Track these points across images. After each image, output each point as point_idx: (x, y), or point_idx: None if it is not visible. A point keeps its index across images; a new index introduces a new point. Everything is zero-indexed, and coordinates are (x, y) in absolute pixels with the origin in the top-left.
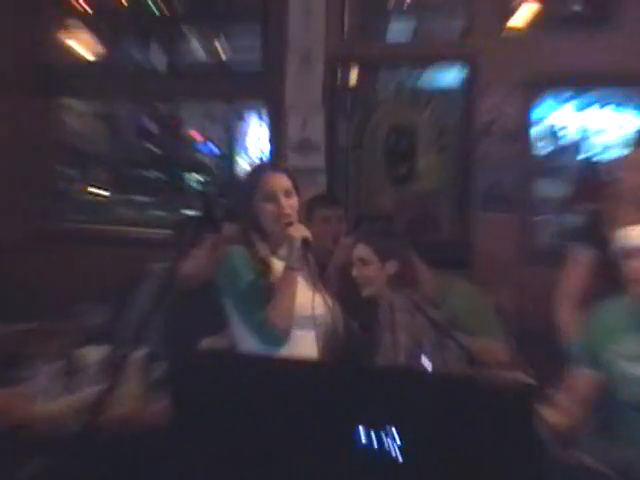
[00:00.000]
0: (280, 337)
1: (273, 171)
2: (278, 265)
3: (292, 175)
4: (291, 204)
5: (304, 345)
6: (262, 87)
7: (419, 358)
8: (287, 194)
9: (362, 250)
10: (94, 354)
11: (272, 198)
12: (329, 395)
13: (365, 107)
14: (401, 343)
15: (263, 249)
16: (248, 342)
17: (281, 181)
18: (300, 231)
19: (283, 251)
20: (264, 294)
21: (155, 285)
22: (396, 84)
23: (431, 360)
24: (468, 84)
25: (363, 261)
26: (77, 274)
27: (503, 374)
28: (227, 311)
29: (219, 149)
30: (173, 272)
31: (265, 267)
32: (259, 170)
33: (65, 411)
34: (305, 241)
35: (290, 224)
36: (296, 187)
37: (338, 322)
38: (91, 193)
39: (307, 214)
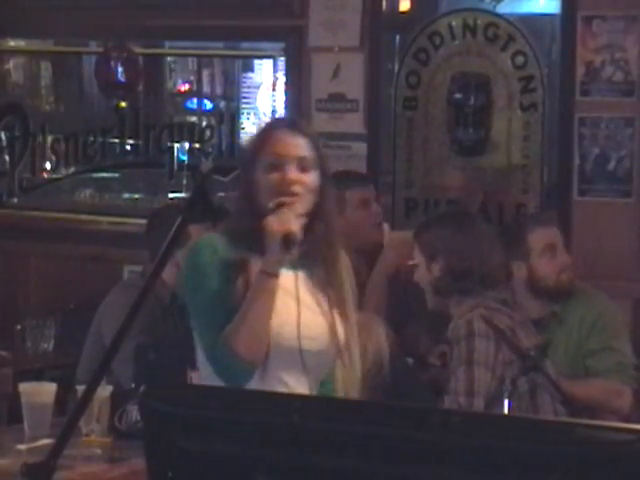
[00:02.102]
0: (243, 370)
1: (287, 131)
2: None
3: (315, 141)
4: (305, 180)
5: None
6: (276, 18)
7: (500, 400)
8: (302, 166)
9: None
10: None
11: (278, 167)
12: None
13: (420, 48)
14: (480, 379)
15: (248, 241)
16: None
17: (296, 146)
18: (284, 222)
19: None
20: (231, 308)
21: (126, 298)
22: (462, 14)
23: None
24: (568, 10)
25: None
26: (21, 280)
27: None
28: (195, 335)
29: (216, 107)
30: (150, 279)
31: (239, 269)
32: (268, 128)
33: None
34: (287, 238)
35: (286, 205)
36: (320, 159)
37: (379, 356)
38: (41, 170)
39: (337, 196)
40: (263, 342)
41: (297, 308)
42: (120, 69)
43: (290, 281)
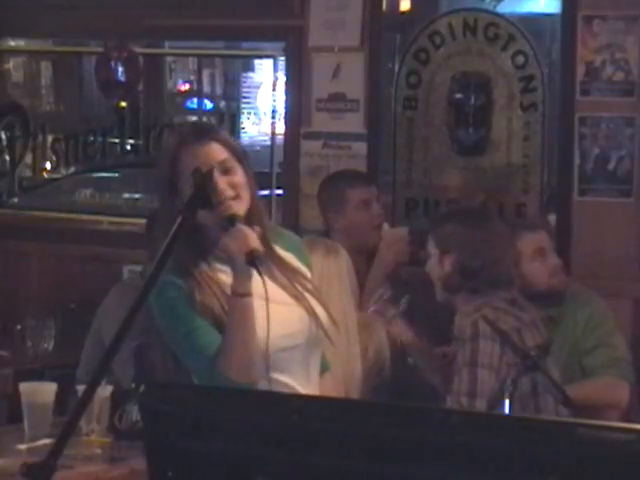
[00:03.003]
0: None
1: (192, 141)
2: (228, 281)
3: (228, 142)
4: (233, 182)
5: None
6: (276, 18)
7: (501, 400)
8: (224, 168)
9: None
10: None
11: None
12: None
13: (420, 48)
14: (483, 381)
15: (203, 260)
16: None
17: (209, 153)
18: (242, 240)
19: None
20: (208, 331)
21: (125, 297)
22: (463, 14)
23: (514, 403)
24: (568, 10)
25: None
26: (21, 280)
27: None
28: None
29: (216, 106)
30: (150, 279)
31: (202, 295)
32: (177, 145)
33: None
34: (251, 255)
35: (232, 221)
36: (238, 155)
37: (380, 355)
38: (41, 170)
39: (337, 196)
40: (254, 361)
41: (272, 307)
42: (120, 69)
43: (255, 282)
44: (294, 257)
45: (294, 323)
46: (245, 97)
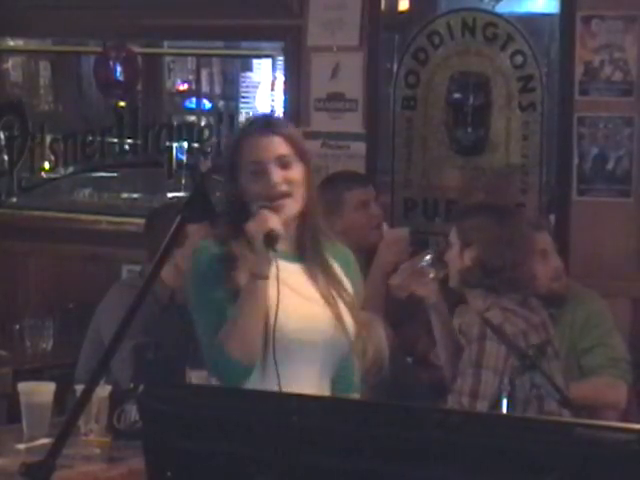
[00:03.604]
0: (237, 372)
1: (260, 134)
2: (283, 265)
3: (291, 136)
4: (289, 177)
5: (297, 382)
6: (275, 18)
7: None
8: (282, 163)
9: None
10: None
11: (260, 172)
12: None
13: (419, 48)
14: (487, 383)
15: (243, 246)
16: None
17: (272, 144)
18: (262, 222)
19: (283, 243)
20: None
21: (124, 297)
22: (461, 13)
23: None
24: (567, 10)
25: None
26: (20, 280)
27: (617, 423)
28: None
29: (215, 106)
30: (149, 279)
31: (231, 268)
32: (242, 135)
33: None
34: (269, 236)
35: (279, 207)
36: (300, 152)
37: (379, 354)
38: (39, 170)
39: (334, 199)
40: (256, 344)
41: (300, 301)
42: (119, 69)
43: (292, 275)
44: (339, 267)
45: (316, 321)
46: (244, 97)
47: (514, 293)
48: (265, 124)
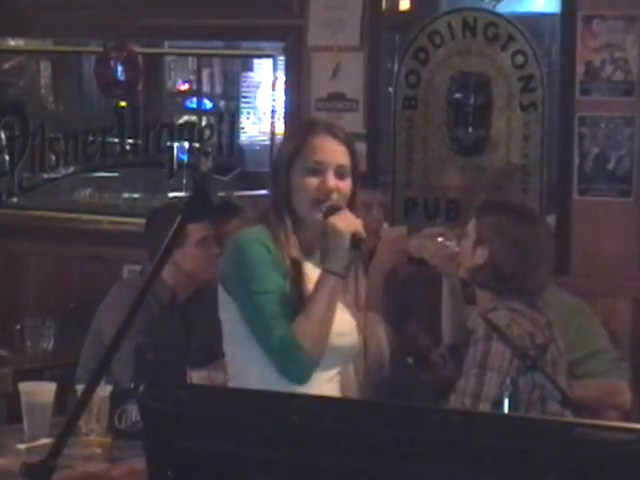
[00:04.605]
0: (308, 365)
1: (327, 136)
2: (311, 270)
3: (352, 147)
4: (342, 188)
5: (319, 384)
6: (276, 17)
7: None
8: (340, 173)
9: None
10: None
11: (318, 172)
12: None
13: (420, 48)
14: (490, 384)
15: (292, 245)
16: (253, 374)
17: (336, 153)
18: (349, 222)
19: (313, 246)
20: (291, 303)
21: (125, 297)
22: (462, 13)
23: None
24: (567, 10)
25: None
26: (21, 280)
27: (618, 423)
28: (226, 327)
29: (216, 106)
30: (149, 278)
31: (294, 268)
32: (307, 131)
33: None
34: (355, 237)
35: (334, 210)
36: (354, 168)
37: (379, 354)
38: (40, 169)
39: None
40: (327, 340)
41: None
42: (120, 68)
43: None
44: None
45: (345, 325)
46: (244, 97)
47: (522, 299)
48: (333, 127)
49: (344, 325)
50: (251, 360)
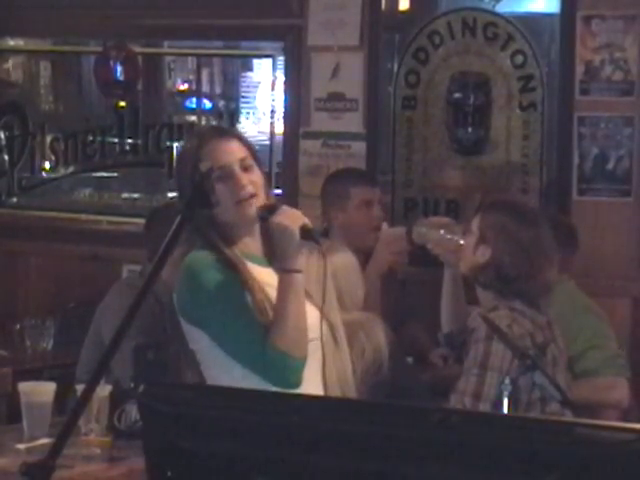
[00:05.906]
0: (297, 368)
1: (216, 137)
2: (257, 270)
3: (247, 141)
4: (253, 180)
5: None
6: (275, 17)
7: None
8: (245, 166)
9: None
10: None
11: (225, 176)
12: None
13: (419, 47)
14: (491, 385)
15: (229, 250)
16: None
17: (232, 149)
18: (293, 216)
19: (254, 248)
20: (260, 314)
21: (125, 297)
22: (462, 13)
23: (514, 402)
24: (567, 10)
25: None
26: (20, 279)
27: (618, 423)
28: (201, 356)
29: (215, 106)
30: (149, 278)
31: (243, 275)
32: (199, 140)
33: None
34: (304, 230)
35: (272, 209)
36: (255, 157)
37: (378, 355)
38: (40, 169)
39: (340, 192)
40: (306, 335)
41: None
42: (119, 68)
43: (270, 277)
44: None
45: (310, 317)
46: (244, 97)
47: (523, 300)
48: (221, 130)
49: (309, 317)
50: (235, 380)
